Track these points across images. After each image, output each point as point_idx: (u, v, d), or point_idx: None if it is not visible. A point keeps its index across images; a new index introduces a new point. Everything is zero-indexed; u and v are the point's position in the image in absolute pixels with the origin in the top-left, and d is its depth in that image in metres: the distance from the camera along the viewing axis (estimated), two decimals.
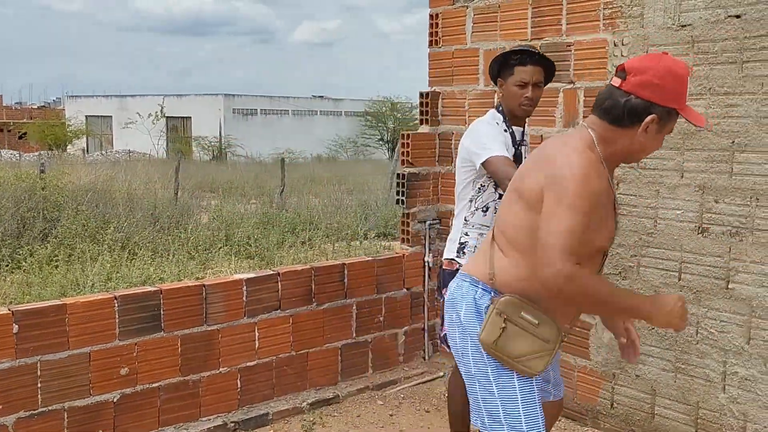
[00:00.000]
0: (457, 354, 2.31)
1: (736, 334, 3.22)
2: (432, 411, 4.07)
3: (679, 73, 2.09)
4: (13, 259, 7.67)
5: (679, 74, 2.09)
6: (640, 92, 2.05)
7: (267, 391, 3.90)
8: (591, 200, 2.01)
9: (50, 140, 31.97)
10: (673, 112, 2.11)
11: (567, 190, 2.00)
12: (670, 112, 2.09)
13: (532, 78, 2.99)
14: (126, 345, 3.40)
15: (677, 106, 2.10)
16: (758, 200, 3.12)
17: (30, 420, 3.17)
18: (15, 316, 3.11)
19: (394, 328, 4.50)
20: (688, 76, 2.12)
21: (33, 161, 19.73)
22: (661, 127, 2.10)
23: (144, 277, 6.76)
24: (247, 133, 33.87)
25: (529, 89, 3.00)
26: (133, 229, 8.81)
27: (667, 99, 2.07)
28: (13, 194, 9.57)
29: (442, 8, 4.46)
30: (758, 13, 3.06)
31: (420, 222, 4.58)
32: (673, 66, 2.09)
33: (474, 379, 2.24)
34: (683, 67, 2.12)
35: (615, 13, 3.55)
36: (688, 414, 3.41)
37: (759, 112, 3.09)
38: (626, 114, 2.07)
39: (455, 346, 2.32)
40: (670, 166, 3.39)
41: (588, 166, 2.04)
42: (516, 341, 2.15)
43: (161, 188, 12.90)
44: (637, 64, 2.09)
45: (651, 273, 3.50)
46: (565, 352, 3.90)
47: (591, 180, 2.03)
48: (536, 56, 3.00)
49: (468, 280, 2.28)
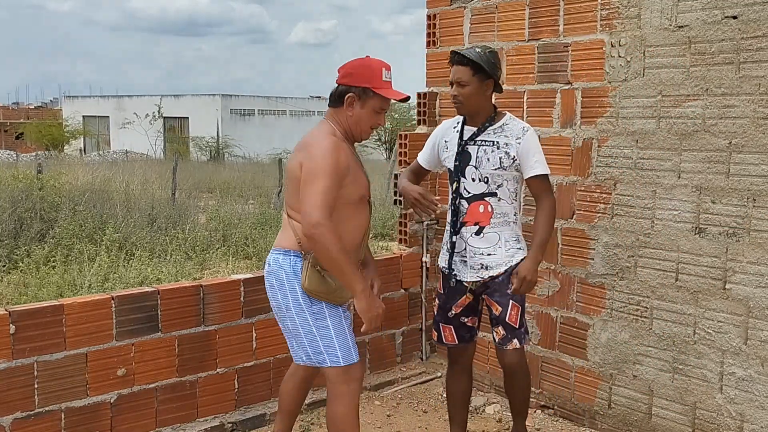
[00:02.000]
0: (280, 312, 2.95)
1: (734, 335, 3.22)
2: (430, 411, 4.07)
3: (370, 64, 2.88)
4: (10, 259, 7.66)
5: (370, 65, 2.87)
6: (341, 81, 2.89)
7: (264, 392, 3.90)
8: (337, 168, 2.74)
9: (47, 140, 31.90)
10: (369, 91, 2.85)
11: (318, 163, 2.74)
12: (365, 90, 2.85)
13: (453, 77, 3.15)
14: (123, 346, 3.40)
15: (370, 86, 2.84)
16: (755, 201, 3.12)
17: (27, 421, 3.17)
18: (12, 317, 3.10)
19: (392, 329, 4.50)
20: (383, 67, 2.87)
21: (30, 162, 19.70)
22: (363, 103, 2.86)
23: (141, 277, 6.75)
24: (244, 134, 33.82)
25: (453, 88, 3.15)
26: (130, 229, 8.80)
27: (359, 81, 2.85)
28: (10, 195, 9.56)
29: (439, 9, 4.47)
30: (755, 14, 3.06)
31: (417, 223, 4.58)
32: (366, 61, 2.90)
33: (297, 328, 2.89)
34: (378, 61, 2.89)
35: (612, 14, 3.56)
36: (686, 414, 3.42)
37: (756, 112, 3.09)
38: (336, 97, 2.90)
39: (277, 307, 2.95)
40: (668, 167, 3.39)
41: (332, 144, 2.80)
42: (323, 282, 2.83)
43: (159, 189, 12.88)
44: (343, 66, 2.92)
45: (648, 273, 3.50)
46: (562, 353, 3.90)
47: (335, 153, 2.77)
48: (455, 57, 3.14)
49: (282, 253, 2.91)
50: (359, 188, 2.90)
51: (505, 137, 3.15)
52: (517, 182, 3.21)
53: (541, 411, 4.01)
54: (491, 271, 3.17)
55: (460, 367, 3.42)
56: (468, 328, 3.35)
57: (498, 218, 3.17)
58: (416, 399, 4.23)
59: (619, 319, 3.64)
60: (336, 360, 2.86)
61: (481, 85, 3.11)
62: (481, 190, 3.17)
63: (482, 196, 3.17)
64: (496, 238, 3.17)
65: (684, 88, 3.31)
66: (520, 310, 3.21)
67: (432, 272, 4.63)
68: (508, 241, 3.19)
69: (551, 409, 3.98)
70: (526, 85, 3.97)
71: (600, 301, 3.72)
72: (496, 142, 3.15)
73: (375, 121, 2.93)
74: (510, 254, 3.18)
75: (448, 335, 3.35)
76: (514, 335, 3.20)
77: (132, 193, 11.67)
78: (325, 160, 2.75)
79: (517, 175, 3.18)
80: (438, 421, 3.96)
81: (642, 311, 3.54)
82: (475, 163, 3.17)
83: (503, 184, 3.16)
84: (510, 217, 3.20)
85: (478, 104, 3.15)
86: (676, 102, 3.34)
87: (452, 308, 3.31)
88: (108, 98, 40.57)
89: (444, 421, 3.95)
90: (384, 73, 2.89)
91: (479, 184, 3.17)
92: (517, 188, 3.23)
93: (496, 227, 3.17)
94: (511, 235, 3.20)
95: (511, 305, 3.18)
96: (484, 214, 3.17)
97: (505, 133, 3.16)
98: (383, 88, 2.87)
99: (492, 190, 3.16)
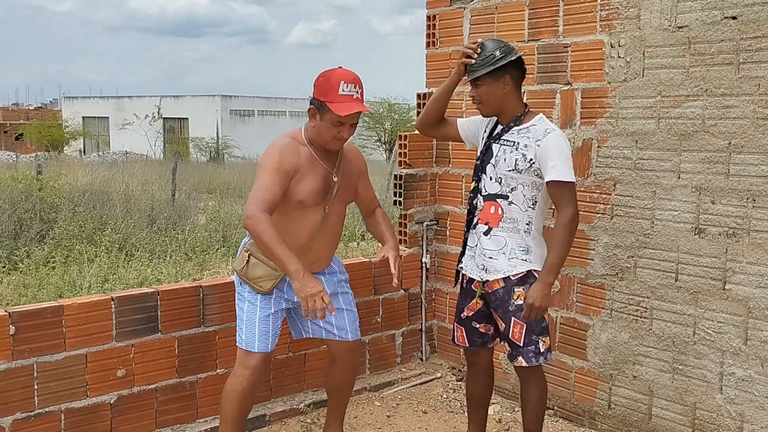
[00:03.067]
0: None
1: (733, 335, 3.22)
2: (430, 412, 4.07)
3: (330, 77, 2.94)
4: (10, 260, 7.67)
5: (329, 77, 2.93)
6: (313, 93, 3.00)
7: (264, 393, 3.90)
8: (277, 166, 2.92)
9: (47, 141, 31.88)
10: (324, 105, 2.92)
11: (262, 160, 2.99)
12: (321, 103, 2.94)
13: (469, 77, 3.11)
14: (123, 346, 3.40)
15: (325, 100, 2.92)
16: (755, 201, 3.12)
17: (26, 422, 3.17)
18: (12, 318, 3.10)
19: (392, 329, 4.50)
20: (342, 80, 2.91)
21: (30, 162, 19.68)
22: (322, 115, 2.96)
23: (141, 278, 6.75)
24: (244, 134, 33.79)
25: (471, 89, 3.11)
26: (130, 230, 8.80)
27: (317, 94, 2.96)
28: (9, 195, 9.56)
29: (439, 9, 4.47)
30: (754, 14, 3.06)
31: (417, 223, 4.58)
32: (328, 73, 2.96)
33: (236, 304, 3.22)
34: (340, 74, 2.93)
35: (612, 15, 3.56)
36: (686, 415, 3.42)
37: (756, 113, 3.10)
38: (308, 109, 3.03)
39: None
40: (667, 168, 3.40)
41: (280, 144, 3.00)
42: (255, 269, 3.09)
43: (158, 189, 12.88)
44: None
45: (648, 274, 3.50)
46: (562, 353, 3.90)
47: (278, 153, 2.96)
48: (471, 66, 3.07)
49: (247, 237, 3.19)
50: (299, 193, 3.00)
51: (527, 138, 3.00)
52: (537, 189, 3.02)
53: None
54: (488, 275, 3.08)
55: (476, 368, 3.35)
56: (480, 334, 3.24)
57: (507, 223, 3.04)
58: (416, 399, 4.23)
59: (619, 320, 3.64)
60: (240, 341, 3.15)
61: (496, 83, 3.01)
62: (495, 190, 3.06)
63: (495, 197, 3.06)
64: (503, 242, 3.05)
65: (684, 89, 3.31)
66: (526, 328, 3.05)
67: (432, 273, 4.63)
68: (514, 249, 3.03)
69: (551, 409, 3.98)
70: (526, 86, 3.96)
71: (600, 302, 3.72)
72: (516, 142, 3.01)
73: (334, 133, 2.97)
74: (512, 264, 3.03)
75: (460, 336, 3.28)
76: (518, 353, 3.08)
77: (132, 193, 11.67)
78: (267, 158, 2.97)
79: (537, 181, 3.00)
80: (438, 421, 3.96)
81: (642, 312, 3.54)
82: (494, 161, 3.07)
83: (517, 188, 3.01)
84: (521, 225, 3.03)
85: (499, 103, 3.04)
86: (676, 102, 3.35)
87: (464, 309, 3.23)
88: (108, 99, 40.56)
89: (444, 421, 3.95)
90: (342, 87, 2.91)
91: (494, 183, 3.07)
92: (536, 196, 3.02)
93: (504, 231, 3.05)
94: (519, 244, 3.03)
95: (513, 322, 3.05)
96: (494, 216, 3.06)
97: (528, 134, 3.00)
98: (336, 102, 2.90)
99: (504, 192, 3.04)
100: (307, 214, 3.06)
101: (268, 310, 3.14)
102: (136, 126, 31.63)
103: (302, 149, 3.03)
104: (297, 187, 2.99)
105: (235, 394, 3.13)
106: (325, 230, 3.14)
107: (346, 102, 2.92)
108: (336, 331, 3.28)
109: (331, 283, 3.28)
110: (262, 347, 3.12)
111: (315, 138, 3.04)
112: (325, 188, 3.07)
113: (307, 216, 3.07)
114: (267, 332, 3.13)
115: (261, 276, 3.08)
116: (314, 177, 3.03)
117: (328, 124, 2.95)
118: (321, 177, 3.05)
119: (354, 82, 2.95)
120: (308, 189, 3.02)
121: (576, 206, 2.97)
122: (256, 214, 2.84)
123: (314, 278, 2.87)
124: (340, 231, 3.29)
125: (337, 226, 3.22)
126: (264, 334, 3.12)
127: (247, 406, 3.20)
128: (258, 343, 3.10)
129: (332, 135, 2.98)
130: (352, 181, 3.24)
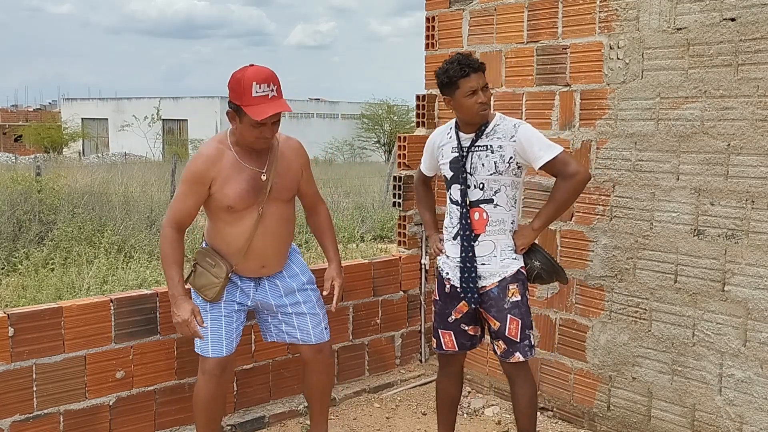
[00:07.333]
0: None
1: (733, 337, 3.22)
2: (429, 414, 4.06)
3: (241, 79, 2.82)
4: (9, 262, 7.66)
5: (240, 80, 2.82)
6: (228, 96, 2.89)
7: (263, 395, 3.90)
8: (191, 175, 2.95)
9: (46, 143, 31.90)
10: (240, 109, 2.83)
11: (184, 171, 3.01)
12: (238, 107, 2.85)
13: (479, 84, 3.01)
14: (122, 348, 3.39)
15: (240, 103, 2.83)
16: (754, 203, 3.13)
17: (25, 423, 3.16)
18: (10, 319, 3.10)
19: (391, 331, 4.50)
20: (254, 81, 2.79)
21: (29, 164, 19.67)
22: (240, 118, 2.87)
23: (140, 280, 6.74)
24: None
25: (480, 95, 3.01)
26: (129, 232, 8.80)
27: (233, 98, 2.86)
28: (8, 197, 9.56)
29: (438, 11, 4.47)
30: (753, 16, 3.07)
31: (417, 224, 4.58)
32: (239, 74, 2.84)
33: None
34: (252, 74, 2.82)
35: (611, 16, 3.56)
36: (685, 416, 3.42)
37: (755, 114, 3.10)
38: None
39: None
40: (666, 169, 3.40)
41: (199, 155, 2.99)
42: (200, 278, 3.08)
43: (157, 191, 12.88)
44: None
45: (647, 275, 3.50)
46: (561, 355, 3.90)
47: (194, 162, 2.98)
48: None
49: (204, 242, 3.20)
50: (226, 198, 2.96)
51: (498, 139, 3.04)
52: (516, 188, 3.10)
53: (540, 413, 4.00)
54: (483, 281, 3.08)
55: (451, 370, 3.34)
56: (469, 336, 3.24)
57: (493, 226, 3.07)
58: (415, 401, 4.23)
59: (618, 321, 3.64)
60: (196, 347, 3.15)
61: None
62: (477, 197, 3.07)
63: (478, 203, 3.07)
64: (491, 247, 3.08)
65: (682, 90, 3.32)
66: (521, 323, 3.07)
67: (431, 274, 4.63)
68: (504, 250, 3.08)
69: (550, 411, 3.98)
70: (525, 88, 3.98)
71: (599, 303, 3.72)
72: (489, 146, 3.05)
73: (256, 134, 2.90)
74: (505, 265, 3.07)
75: (448, 341, 3.23)
76: (515, 349, 3.08)
77: (131, 195, 11.67)
78: (186, 168, 3.01)
79: (517, 180, 3.08)
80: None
81: (641, 313, 3.54)
82: (470, 169, 3.07)
83: (500, 190, 3.05)
84: (506, 225, 3.08)
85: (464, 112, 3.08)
86: (675, 104, 3.35)
87: (452, 313, 3.20)
88: (107, 100, 40.56)
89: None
90: (255, 88, 2.81)
91: (476, 191, 3.07)
92: (515, 194, 3.11)
93: (492, 235, 3.07)
94: (507, 243, 3.08)
95: (509, 319, 3.06)
96: (479, 222, 3.07)
97: (497, 134, 3.05)
98: (251, 105, 2.81)
99: (488, 196, 3.06)
100: (240, 217, 3.01)
101: (219, 314, 3.12)
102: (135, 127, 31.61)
103: (226, 153, 2.97)
104: (222, 193, 2.95)
105: (197, 399, 3.16)
106: (265, 232, 3.05)
107: (262, 104, 2.82)
108: (299, 334, 3.26)
109: (289, 288, 3.22)
110: (216, 352, 3.10)
111: (240, 140, 2.97)
112: (253, 190, 2.99)
113: (241, 220, 3.01)
114: (219, 336, 3.11)
115: (205, 285, 3.07)
116: (238, 180, 2.96)
117: (248, 127, 2.87)
118: (246, 179, 2.97)
119: (267, 80, 2.84)
120: (233, 193, 2.95)
121: (584, 167, 3.09)
122: (163, 230, 2.99)
123: (185, 305, 2.96)
124: (286, 231, 3.18)
125: (278, 228, 3.11)
126: (216, 339, 3.10)
127: (213, 412, 3.18)
128: (211, 348, 3.10)
129: (254, 136, 2.90)
130: (290, 178, 3.12)
